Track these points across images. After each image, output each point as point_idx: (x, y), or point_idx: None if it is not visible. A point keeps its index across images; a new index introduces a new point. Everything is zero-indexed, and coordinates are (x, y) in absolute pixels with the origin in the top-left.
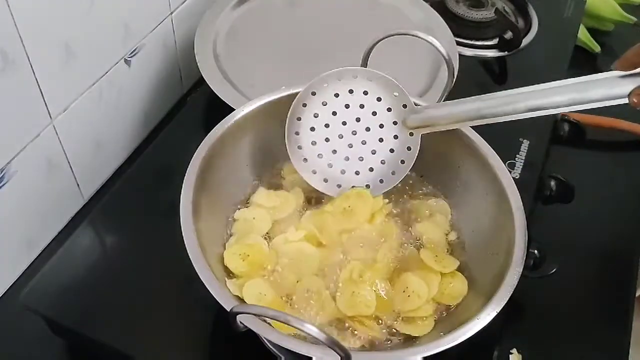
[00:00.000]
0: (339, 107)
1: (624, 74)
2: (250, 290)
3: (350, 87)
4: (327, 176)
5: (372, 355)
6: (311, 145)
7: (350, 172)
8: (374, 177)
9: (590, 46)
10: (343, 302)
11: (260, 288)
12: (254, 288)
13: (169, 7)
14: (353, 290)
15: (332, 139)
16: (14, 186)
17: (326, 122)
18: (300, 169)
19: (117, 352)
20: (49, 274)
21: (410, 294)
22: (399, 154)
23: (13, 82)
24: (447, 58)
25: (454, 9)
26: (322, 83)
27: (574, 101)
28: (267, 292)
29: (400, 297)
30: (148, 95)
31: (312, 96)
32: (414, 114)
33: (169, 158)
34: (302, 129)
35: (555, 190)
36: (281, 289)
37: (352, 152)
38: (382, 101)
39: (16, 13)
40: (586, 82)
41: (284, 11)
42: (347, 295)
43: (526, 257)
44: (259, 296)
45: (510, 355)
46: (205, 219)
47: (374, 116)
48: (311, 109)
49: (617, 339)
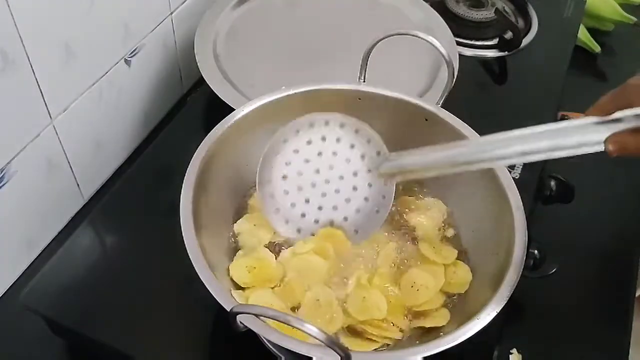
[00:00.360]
0: (312, 154)
1: (599, 120)
2: (257, 300)
3: (322, 134)
4: (300, 226)
5: (372, 355)
6: (283, 194)
7: (323, 221)
8: (349, 227)
9: (590, 46)
10: (355, 308)
11: (266, 298)
12: (260, 298)
13: (169, 7)
14: (364, 296)
15: (305, 187)
16: (14, 186)
17: (298, 170)
18: (272, 220)
19: (117, 352)
20: (49, 274)
21: (419, 288)
22: (373, 203)
23: (13, 82)
24: (447, 58)
25: (454, 9)
26: (294, 130)
27: (549, 148)
28: (273, 302)
29: (409, 293)
30: (148, 95)
31: (284, 143)
32: (387, 162)
33: (169, 158)
34: (274, 177)
35: (555, 190)
36: (289, 299)
37: (326, 201)
38: (355, 148)
39: (16, 13)
40: (560, 130)
41: (284, 11)
42: (358, 301)
43: (526, 257)
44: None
45: (510, 355)
46: (205, 219)
47: (347, 163)
48: (283, 157)
49: (617, 339)
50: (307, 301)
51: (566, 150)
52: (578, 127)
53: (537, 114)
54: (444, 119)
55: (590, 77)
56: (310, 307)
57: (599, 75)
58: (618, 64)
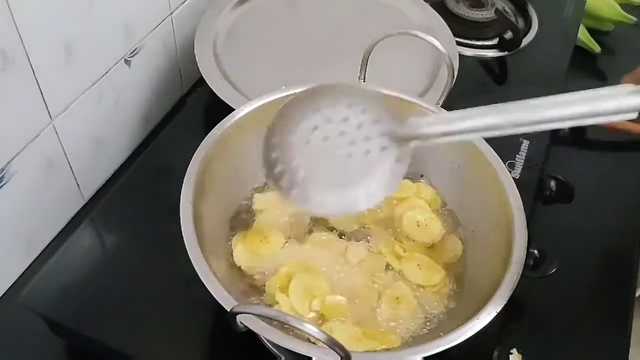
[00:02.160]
0: (321, 122)
1: (636, 89)
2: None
3: (327, 116)
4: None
5: (372, 355)
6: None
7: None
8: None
9: (590, 46)
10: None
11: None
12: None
13: (169, 7)
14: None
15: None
16: (14, 186)
17: (307, 139)
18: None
19: (117, 352)
20: (49, 274)
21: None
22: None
23: (13, 82)
24: (447, 58)
25: (454, 9)
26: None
27: (587, 114)
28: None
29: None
30: (148, 95)
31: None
32: (402, 128)
33: (169, 158)
34: (285, 152)
35: (555, 190)
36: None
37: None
38: (367, 114)
39: (16, 13)
40: (598, 96)
41: (284, 11)
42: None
43: (526, 257)
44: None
45: (510, 355)
46: (205, 219)
47: (359, 130)
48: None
49: (617, 339)
50: None
51: (604, 116)
52: (616, 95)
53: None
54: None
55: (590, 77)
56: None
57: (599, 75)
58: (618, 64)
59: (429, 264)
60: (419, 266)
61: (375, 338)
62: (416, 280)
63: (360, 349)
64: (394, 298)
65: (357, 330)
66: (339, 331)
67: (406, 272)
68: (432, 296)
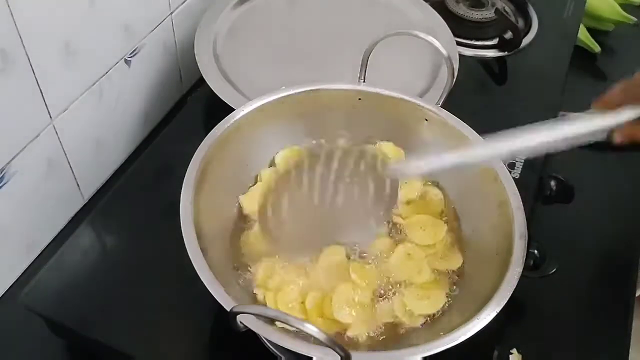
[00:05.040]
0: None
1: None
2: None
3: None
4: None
5: (372, 355)
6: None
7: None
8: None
9: (590, 46)
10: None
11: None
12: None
13: (169, 7)
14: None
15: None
16: (14, 186)
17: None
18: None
19: (117, 352)
20: (49, 274)
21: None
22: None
23: (13, 82)
24: (447, 58)
25: (454, 9)
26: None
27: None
28: None
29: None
30: (148, 95)
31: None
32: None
33: (169, 158)
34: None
35: (555, 190)
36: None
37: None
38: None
39: (16, 13)
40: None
41: (284, 11)
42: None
43: (526, 257)
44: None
45: (510, 355)
46: (205, 219)
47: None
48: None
49: (617, 339)
50: None
51: (573, 140)
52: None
53: (537, 113)
54: (444, 119)
55: (590, 77)
56: None
57: (599, 75)
58: (618, 64)
59: (429, 221)
60: (422, 228)
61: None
62: (423, 241)
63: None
64: (406, 254)
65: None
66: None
67: (411, 236)
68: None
